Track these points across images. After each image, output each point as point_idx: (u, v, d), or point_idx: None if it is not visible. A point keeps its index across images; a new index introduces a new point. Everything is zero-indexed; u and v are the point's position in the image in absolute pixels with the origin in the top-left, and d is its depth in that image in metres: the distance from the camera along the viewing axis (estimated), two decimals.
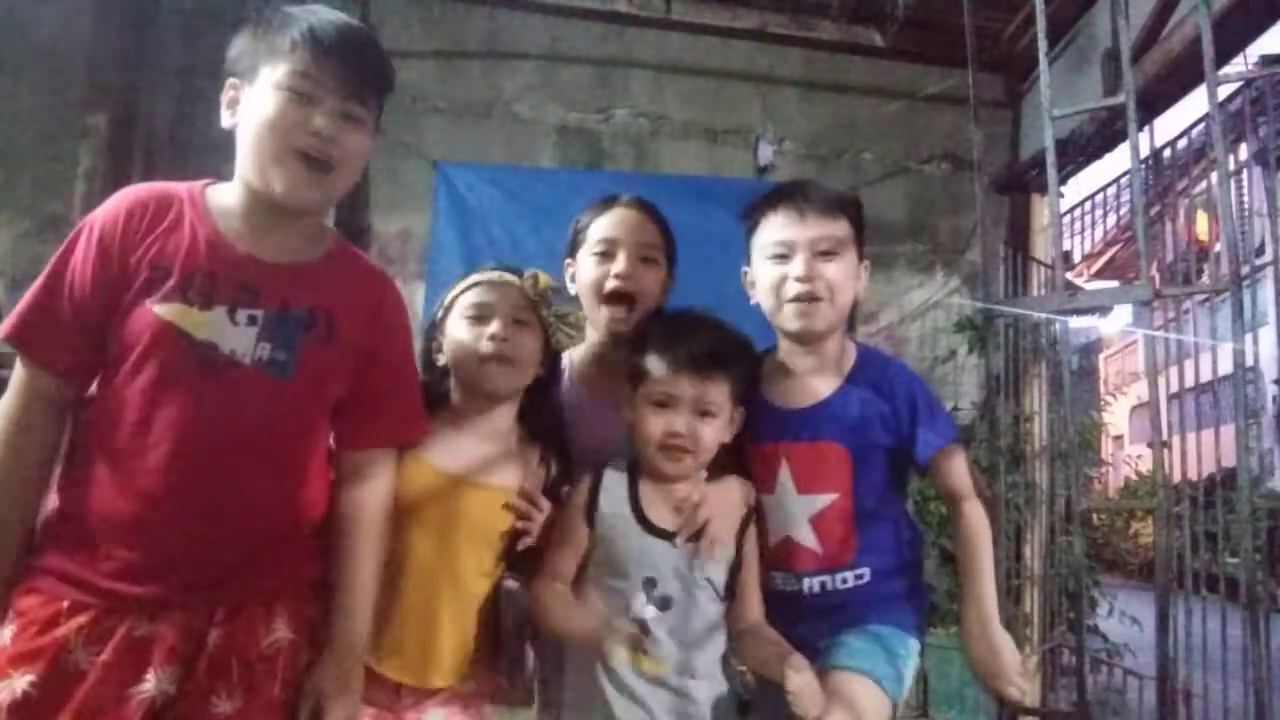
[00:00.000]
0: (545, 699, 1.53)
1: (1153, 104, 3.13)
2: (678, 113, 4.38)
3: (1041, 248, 4.27)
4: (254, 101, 1.18)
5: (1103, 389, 9.99)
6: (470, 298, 1.46)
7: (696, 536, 1.42)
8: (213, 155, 1.25)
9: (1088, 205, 6.76)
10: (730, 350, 1.45)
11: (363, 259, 1.37)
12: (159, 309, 1.15)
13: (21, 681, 1.09)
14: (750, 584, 1.47)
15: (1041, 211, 4.31)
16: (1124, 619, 4.21)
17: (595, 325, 1.61)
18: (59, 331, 1.16)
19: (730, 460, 1.51)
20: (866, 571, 1.50)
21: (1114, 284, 8.44)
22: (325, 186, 1.21)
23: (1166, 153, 3.58)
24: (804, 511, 1.49)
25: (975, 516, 1.51)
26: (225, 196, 1.24)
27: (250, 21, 1.22)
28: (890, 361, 1.63)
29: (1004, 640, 1.44)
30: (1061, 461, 3.85)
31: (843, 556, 1.50)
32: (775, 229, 1.55)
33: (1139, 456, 9.01)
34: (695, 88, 4.40)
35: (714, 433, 1.42)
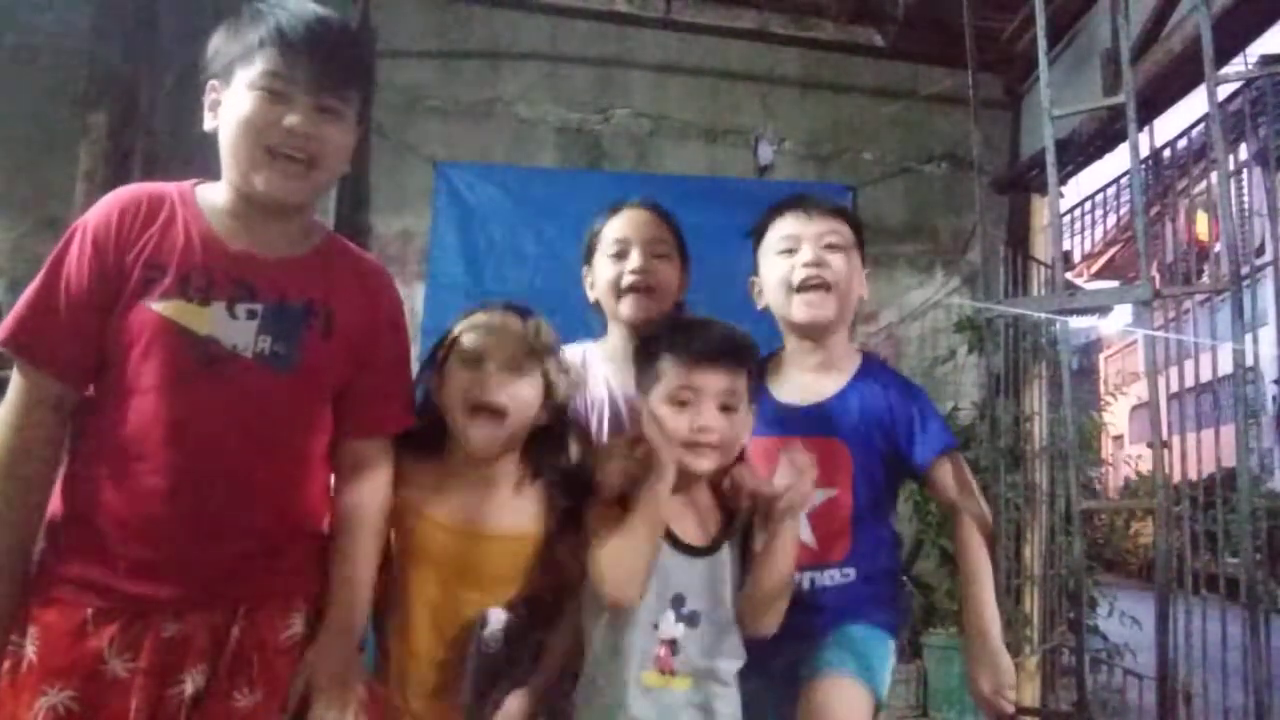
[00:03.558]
0: None
1: (1153, 104, 3.13)
2: (678, 113, 4.37)
3: (1041, 248, 4.26)
4: (231, 103, 1.18)
5: (1103, 389, 9.97)
6: (467, 342, 1.39)
7: (728, 529, 1.41)
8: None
9: (1088, 205, 6.77)
10: (744, 342, 1.43)
11: (355, 251, 1.37)
12: (158, 306, 1.15)
13: (61, 697, 1.09)
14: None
15: (1041, 211, 4.30)
16: (1124, 619, 4.21)
17: (617, 321, 1.68)
18: (57, 334, 1.16)
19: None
20: (853, 571, 1.51)
21: (1114, 284, 8.44)
22: (307, 182, 1.21)
23: (1166, 153, 3.58)
24: None
25: (974, 525, 1.52)
26: (215, 195, 1.24)
27: (223, 21, 1.21)
28: (891, 369, 1.70)
29: (999, 654, 1.44)
30: (1061, 461, 3.84)
31: (834, 553, 1.51)
32: (783, 228, 1.60)
33: (1139, 456, 8.99)
34: (695, 88, 4.40)
35: (735, 428, 1.39)
